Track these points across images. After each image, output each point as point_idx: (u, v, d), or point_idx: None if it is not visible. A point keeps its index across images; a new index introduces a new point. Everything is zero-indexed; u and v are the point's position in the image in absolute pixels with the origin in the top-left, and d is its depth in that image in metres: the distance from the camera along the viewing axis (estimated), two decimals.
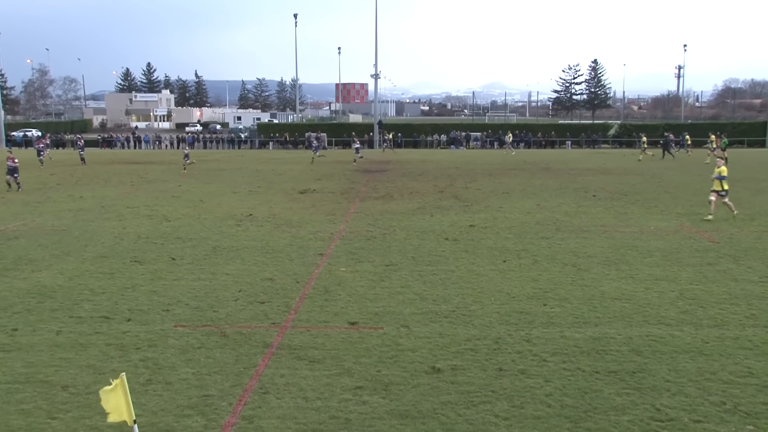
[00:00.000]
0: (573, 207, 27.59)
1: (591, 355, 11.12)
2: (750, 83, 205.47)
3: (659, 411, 9.00)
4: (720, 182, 24.22)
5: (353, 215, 25.61)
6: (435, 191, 33.28)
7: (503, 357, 11.04)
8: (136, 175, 42.63)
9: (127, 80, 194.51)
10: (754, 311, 13.37)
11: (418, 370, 10.41)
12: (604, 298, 14.35)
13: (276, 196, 31.52)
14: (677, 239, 20.52)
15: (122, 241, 20.63)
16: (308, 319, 13.05)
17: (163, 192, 33.47)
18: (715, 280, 15.80)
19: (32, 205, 28.95)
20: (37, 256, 18.55)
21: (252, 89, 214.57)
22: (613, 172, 43.33)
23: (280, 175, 42.69)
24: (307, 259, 18.14)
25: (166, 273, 16.59)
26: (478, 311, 13.45)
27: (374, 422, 8.74)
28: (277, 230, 22.34)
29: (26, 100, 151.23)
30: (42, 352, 11.31)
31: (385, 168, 47.89)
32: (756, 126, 79.48)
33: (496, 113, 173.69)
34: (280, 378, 10.15)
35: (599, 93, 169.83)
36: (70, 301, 14.22)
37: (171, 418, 8.86)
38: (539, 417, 8.87)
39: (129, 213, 26.36)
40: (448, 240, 20.60)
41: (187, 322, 12.82)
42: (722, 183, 24.17)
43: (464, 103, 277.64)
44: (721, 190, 24.19)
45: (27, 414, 8.97)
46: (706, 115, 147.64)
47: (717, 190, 24.18)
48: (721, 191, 24.21)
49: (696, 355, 11.06)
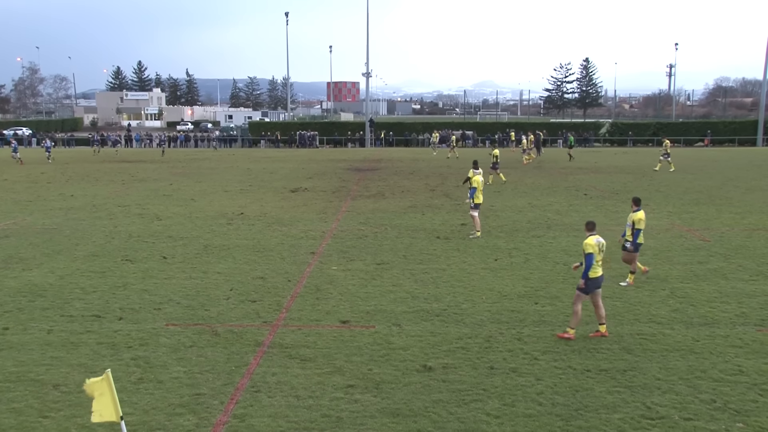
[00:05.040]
0: (564, 205, 27.65)
1: (582, 353, 11.16)
2: (741, 82, 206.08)
3: (650, 409, 9.05)
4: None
5: (345, 214, 25.60)
6: (426, 190, 33.30)
7: (494, 355, 11.07)
8: (127, 174, 42.50)
9: (118, 78, 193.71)
10: (745, 309, 13.44)
11: (410, 369, 10.43)
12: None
13: (267, 195, 31.48)
14: (668, 237, 20.59)
15: (113, 239, 20.57)
16: (300, 317, 13.05)
17: (154, 191, 33.38)
18: (705, 278, 15.87)
19: (22, 203, 28.83)
20: (27, 254, 18.48)
21: (243, 88, 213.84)
22: (605, 171, 43.43)
23: (272, 173, 42.62)
24: (299, 257, 18.13)
25: (157, 272, 16.56)
26: (470, 310, 13.48)
27: (366, 420, 8.75)
28: (268, 229, 22.31)
29: (17, 99, 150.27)
30: (33, 350, 11.28)
31: (376, 166, 47.89)
32: (747, 124, 79.65)
33: (487, 112, 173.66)
34: (271, 376, 10.15)
35: (591, 91, 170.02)
36: (61, 299, 14.18)
37: (162, 416, 8.84)
38: (530, 415, 8.90)
39: (120, 212, 26.28)
40: (439, 238, 20.62)
41: (179, 321, 12.80)
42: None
43: (456, 102, 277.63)
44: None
45: (18, 413, 8.95)
46: (698, 113, 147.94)
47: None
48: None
49: (686, 354, 11.11)
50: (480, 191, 21.17)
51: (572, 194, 31.32)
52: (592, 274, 11.75)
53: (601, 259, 11.94)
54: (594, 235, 11.98)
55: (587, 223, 12.41)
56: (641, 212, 15.26)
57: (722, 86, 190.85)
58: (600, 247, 11.90)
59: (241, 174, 42.23)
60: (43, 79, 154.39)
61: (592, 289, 11.87)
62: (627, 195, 30.82)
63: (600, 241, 11.95)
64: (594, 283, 11.84)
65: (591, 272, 11.73)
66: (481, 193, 21.36)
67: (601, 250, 11.94)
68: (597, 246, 11.83)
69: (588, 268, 11.70)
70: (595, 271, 11.79)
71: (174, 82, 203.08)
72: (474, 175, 21.75)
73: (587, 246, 11.77)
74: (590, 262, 11.69)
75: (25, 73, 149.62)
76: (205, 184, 36.50)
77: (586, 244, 11.82)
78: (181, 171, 44.67)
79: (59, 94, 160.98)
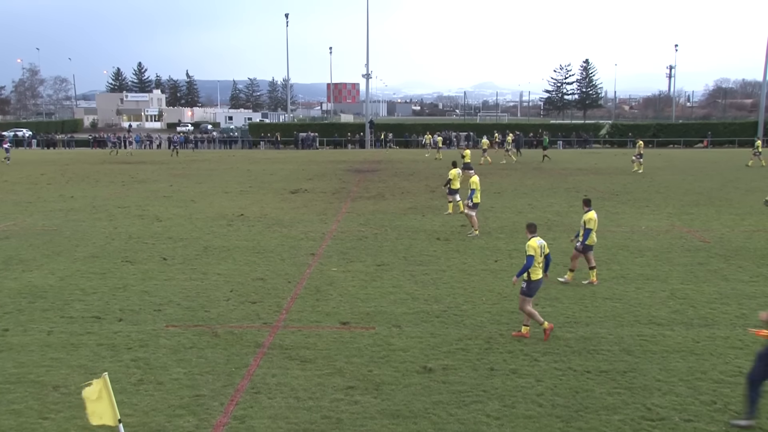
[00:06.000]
0: (564, 207, 27.65)
1: (582, 354, 11.16)
2: (741, 83, 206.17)
3: (650, 410, 9.05)
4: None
5: (345, 215, 25.60)
6: (426, 191, 33.30)
7: (495, 357, 11.07)
8: (127, 175, 42.48)
9: (118, 80, 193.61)
10: (745, 311, 13.44)
11: (410, 370, 10.43)
12: (596, 297, 14.40)
13: (267, 196, 31.47)
14: (668, 239, 20.60)
15: (113, 241, 20.57)
16: (300, 318, 13.05)
17: (154, 192, 33.37)
18: (705, 279, 15.87)
19: (23, 204, 28.82)
20: (27, 256, 18.48)
21: (243, 89, 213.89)
22: (605, 172, 43.43)
23: (272, 175, 42.61)
24: (299, 259, 18.13)
25: (157, 273, 16.55)
26: (470, 311, 13.48)
27: (366, 422, 8.74)
28: (268, 230, 22.31)
29: (17, 100, 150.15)
30: (33, 352, 11.27)
31: (376, 168, 47.90)
32: (747, 126, 79.61)
33: (487, 113, 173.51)
34: (271, 378, 10.15)
35: (591, 93, 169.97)
36: (62, 301, 14.18)
37: (162, 418, 8.84)
38: (531, 416, 8.90)
39: (120, 213, 26.27)
40: (439, 240, 20.62)
41: (179, 322, 12.80)
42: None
43: (456, 103, 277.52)
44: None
45: (18, 414, 8.94)
46: (697, 114, 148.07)
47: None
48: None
49: (687, 355, 11.11)
50: (479, 191, 21.43)
51: (572, 195, 31.31)
52: (533, 276, 11.77)
53: (541, 261, 11.93)
54: (536, 237, 12.01)
55: (529, 225, 12.42)
56: (592, 212, 15.40)
57: (722, 87, 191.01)
58: (542, 249, 11.92)
59: (241, 175, 42.22)
60: (43, 81, 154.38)
61: (534, 291, 11.94)
62: (627, 196, 30.85)
63: (542, 243, 11.99)
64: (537, 285, 11.93)
65: (532, 275, 11.75)
66: (480, 193, 21.64)
67: (543, 252, 11.95)
68: (539, 248, 11.85)
69: (526, 268, 11.73)
70: (536, 273, 11.80)
71: (174, 83, 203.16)
72: (471, 176, 22.15)
73: (529, 248, 11.83)
74: (530, 263, 11.72)
75: (26, 74, 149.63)
76: (205, 185, 36.49)
77: (529, 245, 11.86)
78: (181, 172, 44.65)
79: (59, 95, 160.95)
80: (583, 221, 15.35)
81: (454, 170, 25.29)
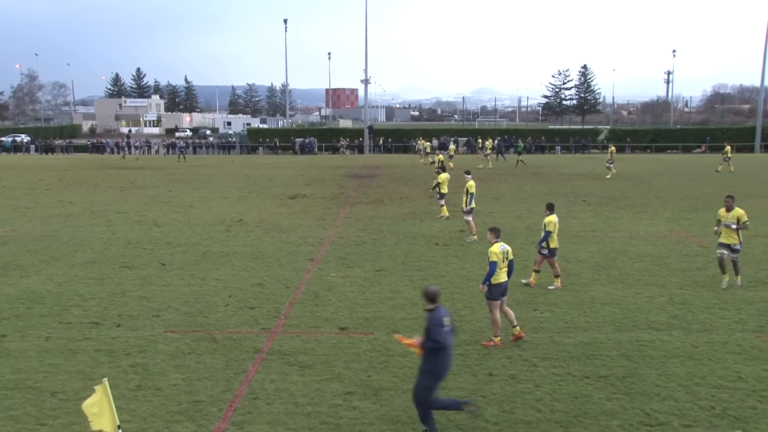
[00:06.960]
0: (563, 212, 27.61)
1: (581, 359, 11.16)
2: (739, 88, 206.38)
3: (649, 416, 9.05)
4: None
5: (343, 220, 25.60)
6: (425, 196, 33.30)
7: (493, 362, 11.07)
8: (126, 181, 42.47)
9: (117, 85, 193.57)
10: (743, 316, 13.45)
11: (409, 376, 10.40)
12: (594, 303, 14.41)
13: (266, 202, 31.47)
14: (666, 244, 20.62)
15: (112, 246, 20.56)
16: (298, 324, 13.05)
17: (152, 197, 33.36)
18: (704, 284, 15.88)
19: (21, 210, 28.81)
20: (26, 261, 18.47)
21: (242, 94, 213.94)
22: (603, 177, 43.45)
23: (270, 180, 42.60)
24: (297, 264, 18.13)
25: (155, 278, 16.55)
26: (468, 316, 13.49)
27: (365, 428, 8.74)
28: (267, 235, 22.31)
29: (15, 105, 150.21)
30: (31, 358, 11.26)
31: (375, 173, 47.91)
32: (744, 131, 79.68)
33: (486, 118, 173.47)
34: (270, 383, 10.14)
35: (589, 98, 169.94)
36: (60, 306, 14.17)
37: (161, 423, 8.83)
38: (529, 422, 8.89)
39: (118, 218, 26.26)
40: (438, 245, 20.63)
41: (177, 328, 12.79)
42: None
43: (454, 108, 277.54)
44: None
45: (16, 420, 8.93)
46: (695, 120, 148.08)
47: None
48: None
49: (685, 360, 11.11)
50: (473, 196, 21.82)
51: (570, 201, 31.34)
52: (494, 280, 11.74)
53: (505, 266, 11.90)
54: (499, 243, 12.00)
55: (492, 229, 12.39)
56: (553, 216, 15.61)
57: (720, 93, 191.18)
58: (505, 255, 11.91)
59: (239, 181, 42.22)
60: (42, 86, 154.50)
61: (498, 296, 11.86)
62: (625, 201, 30.88)
63: (505, 249, 11.97)
64: (498, 289, 11.84)
65: (494, 279, 11.72)
66: (471, 198, 21.91)
67: (506, 257, 11.93)
68: (502, 254, 11.84)
69: (490, 275, 11.68)
70: (498, 277, 11.76)
71: (173, 88, 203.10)
72: (467, 180, 22.27)
73: (492, 254, 11.81)
74: (493, 270, 11.67)
75: (24, 79, 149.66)
76: (203, 190, 36.49)
77: (491, 252, 11.83)
78: (180, 178, 44.65)
79: (58, 100, 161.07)
80: (544, 224, 15.51)
81: (444, 175, 26.09)
